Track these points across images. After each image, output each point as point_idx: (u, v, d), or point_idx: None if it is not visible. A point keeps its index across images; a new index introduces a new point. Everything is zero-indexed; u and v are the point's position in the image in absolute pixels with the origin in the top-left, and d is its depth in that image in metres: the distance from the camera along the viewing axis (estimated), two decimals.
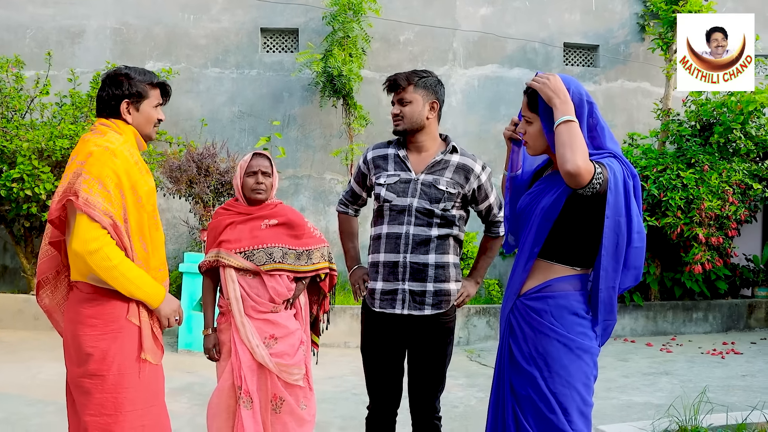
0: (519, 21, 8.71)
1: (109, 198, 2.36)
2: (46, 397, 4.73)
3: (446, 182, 2.82)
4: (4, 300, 7.24)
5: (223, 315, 3.19)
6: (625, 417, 4.49)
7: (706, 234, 7.23)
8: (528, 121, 2.31)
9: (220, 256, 3.12)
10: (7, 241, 7.95)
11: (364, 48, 7.93)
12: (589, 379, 2.24)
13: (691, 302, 8.15)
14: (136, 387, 2.43)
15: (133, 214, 2.44)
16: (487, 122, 8.61)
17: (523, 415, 2.24)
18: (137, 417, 2.41)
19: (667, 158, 7.64)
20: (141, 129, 2.58)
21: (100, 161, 2.37)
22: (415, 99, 2.82)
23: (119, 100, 2.52)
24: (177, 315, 2.58)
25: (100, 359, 2.40)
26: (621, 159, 2.22)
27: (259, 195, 3.17)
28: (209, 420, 3.19)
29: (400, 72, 2.90)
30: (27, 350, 6.10)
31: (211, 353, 3.16)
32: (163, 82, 2.64)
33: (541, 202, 2.26)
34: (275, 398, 3.15)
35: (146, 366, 2.47)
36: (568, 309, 2.23)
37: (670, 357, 6.70)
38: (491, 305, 7.47)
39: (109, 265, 2.34)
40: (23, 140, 6.58)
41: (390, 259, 2.84)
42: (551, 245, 2.26)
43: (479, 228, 8.54)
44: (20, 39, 8.17)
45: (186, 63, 8.25)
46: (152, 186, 2.57)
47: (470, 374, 5.86)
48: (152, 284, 2.48)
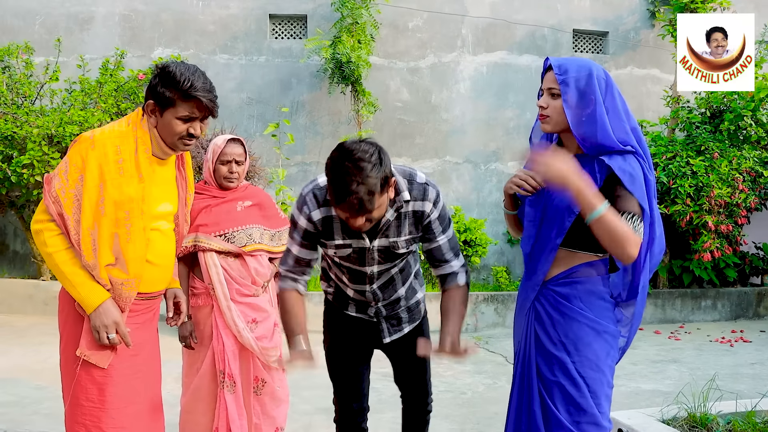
0: (528, 7, 8.65)
1: (64, 184, 2.22)
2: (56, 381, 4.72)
3: (404, 242, 2.43)
4: (14, 285, 7.29)
5: (198, 297, 3.15)
6: (633, 404, 4.49)
7: (715, 222, 7.19)
8: (554, 93, 2.19)
9: (199, 240, 3.07)
10: (17, 227, 8.00)
11: (372, 34, 7.89)
12: (613, 360, 2.26)
13: (700, 290, 8.13)
14: (78, 381, 2.28)
15: (89, 212, 2.22)
16: (496, 109, 8.58)
17: (552, 400, 2.23)
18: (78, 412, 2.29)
19: (676, 145, 7.59)
20: (164, 137, 2.31)
21: (78, 146, 2.25)
22: (381, 203, 2.19)
23: (148, 96, 2.29)
24: (112, 331, 2.24)
25: (60, 341, 2.37)
26: (639, 155, 2.20)
27: (230, 183, 3.15)
28: (189, 405, 3.18)
29: (352, 200, 2.09)
30: (37, 335, 6.16)
31: (188, 341, 3.12)
32: (201, 98, 2.25)
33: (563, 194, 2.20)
34: (257, 380, 3.18)
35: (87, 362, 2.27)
36: (595, 294, 2.22)
37: (679, 345, 6.69)
38: (499, 292, 7.47)
39: (45, 251, 2.25)
40: (33, 126, 6.60)
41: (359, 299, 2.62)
42: (573, 234, 2.23)
43: (488, 215, 8.51)
44: (30, 25, 8.17)
45: (194, 49, 8.23)
46: (130, 193, 2.25)
47: (478, 361, 5.87)
48: (89, 288, 2.24)
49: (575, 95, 2.16)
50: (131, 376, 2.37)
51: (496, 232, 8.37)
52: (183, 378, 3.28)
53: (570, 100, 2.16)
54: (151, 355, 2.50)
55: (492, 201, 8.53)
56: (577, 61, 2.21)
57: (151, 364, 2.49)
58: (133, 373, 2.38)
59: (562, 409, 2.21)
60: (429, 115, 8.46)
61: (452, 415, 4.40)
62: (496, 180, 8.57)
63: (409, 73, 8.44)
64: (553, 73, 2.19)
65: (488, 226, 8.17)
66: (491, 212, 8.45)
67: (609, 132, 2.15)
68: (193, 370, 3.19)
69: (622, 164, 2.14)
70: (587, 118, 2.17)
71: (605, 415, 2.21)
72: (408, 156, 8.39)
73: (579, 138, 2.19)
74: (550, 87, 2.21)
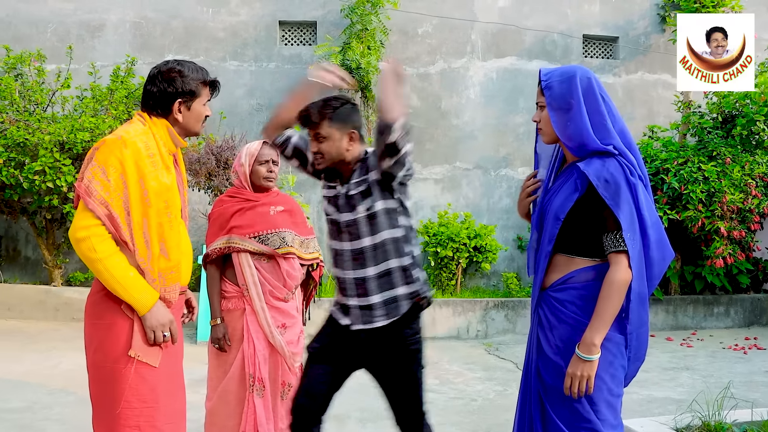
0: (537, 12, 8.64)
1: (107, 187, 2.28)
2: (67, 386, 4.78)
3: (354, 183, 2.61)
4: (26, 291, 7.32)
5: (229, 300, 3.18)
6: (646, 412, 4.45)
7: (728, 227, 7.13)
8: (541, 106, 2.31)
9: (232, 242, 3.13)
10: (29, 233, 8.04)
11: (382, 40, 7.91)
12: (616, 369, 2.21)
13: (713, 296, 8.06)
14: (129, 384, 2.32)
15: (137, 208, 2.32)
16: (506, 115, 8.56)
17: (550, 404, 2.24)
18: (132, 416, 2.32)
19: (687, 151, 7.54)
20: (191, 127, 2.48)
21: (108, 149, 2.31)
22: (330, 134, 2.58)
23: (171, 98, 2.42)
24: (167, 330, 2.36)
25: (95, 350, 2.38)
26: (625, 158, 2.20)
27: (269, 183, 3.24)
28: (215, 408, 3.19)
29: (314, 103, 2.63)
30: (48, 341, 6.17)
31: (221, 343, 3.15)
32: (214, 80, 2.54)
33: (553, 203, 2.28)
34: (284, 385, 3.19)
35: (139, 363, 2.33)
36: (590, 297, 2.21)
37: (691, 352, 6.64)
38: (509, 299, 7.44)
39: (94, 257, 2.27)
40: (45, 133, 6.64)
41: (340, 275, 2.68)
42: (568, 240, 2.27)
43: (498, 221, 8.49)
44: (42, 33, 8.23)
45: (205, 56, 8.27)
46: (166, 182, 2.41)
47: (488, 367, 5.84)
48: (142, 289, 2.32)
49: (557, 98, 2.23)
50: (173, 373, 2.47)
51: (506, 238, 8.34)
52: (208, 381, 3.30)
53: (553, 103, 2.24)
54: (181, 353, 2.58)
55: (502, 207, 8.50)
56: (565, 67, 2.30)
57: (180, 362, 2.58)
58: (175, 369, 2.49)
59: (560, 414, 2.21)
60: (439, 121, 8.46)
61: (462, 422, 4.37)
62: (507, 186, 8.54)
63: (418, 79, 8.44)
64: (540, 86, 2.29)
65: (498, 232, 8.14)
66: (501, 218, 8.42)
67: (590, 131, 2.19)
68: (219, 373, 3.22)
69: (599, 170, 2.16)
70: (570, 121, 2.22)
71: (606, 422, 2.19)
72: (418, 162, 8.38)
73: (565, 142, 2.25)
74: (538, 101, 2.32)
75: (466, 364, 5.95)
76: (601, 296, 2.14)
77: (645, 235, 2.19)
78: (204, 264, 3.24)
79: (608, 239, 2.17)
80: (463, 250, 7.42)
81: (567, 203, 2.22)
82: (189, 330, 6.61)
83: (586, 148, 2.21)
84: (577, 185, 2.21)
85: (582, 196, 2.20)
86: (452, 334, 7.15)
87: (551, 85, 2.25)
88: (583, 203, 2.21)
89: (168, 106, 2.42)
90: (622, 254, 2.14)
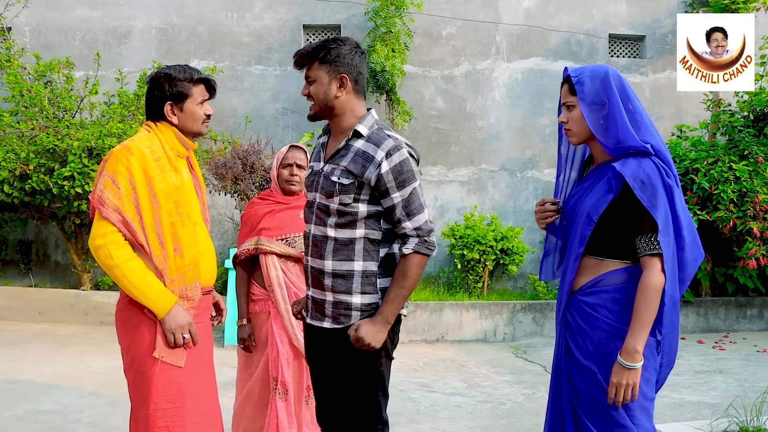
0: (562, 13, 8.56)
1: (118, 194, 2.37)
2: (98, 389, 4.83)
3: (339, 172, 2.31)
4: (56, 295, 7.42)
5: (256, 303, 3.22)
6: (678, 416, 4.36)
7: (760, 228, 6.98)
8: (569, 105, 2.27)
9: (261, 243, 3.17)
10: (58, 238, 8.15)
11: (406, 43, 7.89)
12: (650, 373, 2.17)
13: (745, 298, 7.90)
14: (156, 385, 2.38)
15: (148, 210, 2.40)
16: (531, 116, 8.49)
17: (583, 410, 2.20)
18: (160, 416, 2.39)
19: (718, 150, 7.40)
20: (188, 128, 2.55)
21: (116, 158, 2.41)
22: (318, 76, 2.34)
23: (162, 102, 2.51)
24: (185, 332, 2.41)
25: (125, 353, 2.48)
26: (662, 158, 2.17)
27: (292, 186, 3.26)
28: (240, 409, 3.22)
29: (313, 42, 2.48)
30: (78, 344, 6.24)
31: (247, 343, 3.20)
32: (206, 78, 2.58)
33: (584, 203, 2.24)
34: (308, 389, 3.19)
35: (165, 364, 2.40)
36: (623, 302, 2.18)
37: (724, 355, 6.51)
38: (537, 301, 7.36)
39: (111, 263, 2.36)
40: (74, 139, 6.72)
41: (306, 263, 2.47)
42: (598, 242, 2.23)
43: (524, 222, 8.44)
44: (70, 41, 8.35)
45: (230, 61, 8.32)
46: (174, 183, 2.46)
47: (516, 371, 5.78)
48: (159, 292, 2.38)
49: (591, 94, 2.20)
50: (201, 373, 2.52)
51: (533, 240, 8.27)
52: (237, 382, 3.34)
53: (587, 99, 2.20)
54: (209, 353, 2.63)
55: (529, 209, 8.43)
56: (594, 65, 2.28)
57: (210, 362, 2.62)
58: (202, 369, 2.53)
59: (593, 419, 2.18)
60: (464, 123, 8.41)
61: (492, 426, 4.33)
62: (533, 187, 8.47)
63: (443, 81, 8.41)
64: (567, 86, 2.26)
65: (525, 234, 8.07)
66: (528, 220, 8.35)
67: (628, 127, 2.16)
68: (246, 375, 3.26)
69: (636, 171, 2.13)
70: (605, 120, 2.19)
71: (642, 427, 2.15)
72: (443, 164, 8.35)
73: (601, 140, 2.21)
74: (565, 101, 2.28)
75: (493, 368, 5.90)
76: (639, 302, 2.10)
77: (680, 237, 2.16)
78: (233, 264, 3.28)
79: (642, 242, 2.13)
80: (489, 252, 7.36)
81: (601, 204, 2.18)
82: (216, 334, 6.64)
83: (624, 146, 2.17)
84: (612, 186, 2.17)
85: (616, 197, 2.16)
86: (479, 336, 7.10)
87: (583, 80, 2.22)
88: (616, 204, 2.17)
89: (160, 111, 2.52)
90: (656, 257, 2.10)
